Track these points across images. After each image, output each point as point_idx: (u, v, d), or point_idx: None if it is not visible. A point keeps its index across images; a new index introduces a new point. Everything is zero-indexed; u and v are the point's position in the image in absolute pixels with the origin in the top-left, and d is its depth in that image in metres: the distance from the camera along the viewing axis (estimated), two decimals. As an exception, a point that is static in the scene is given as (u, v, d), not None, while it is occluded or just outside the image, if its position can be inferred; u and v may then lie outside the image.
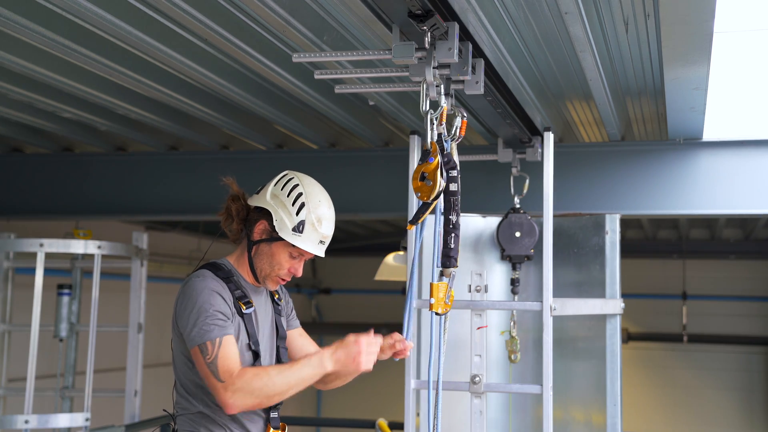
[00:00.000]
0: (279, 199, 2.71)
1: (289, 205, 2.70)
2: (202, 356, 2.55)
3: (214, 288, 2.63)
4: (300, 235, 2.69)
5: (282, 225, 2.69)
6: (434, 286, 2.68)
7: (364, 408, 10.18)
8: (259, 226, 2.73)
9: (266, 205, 2.72)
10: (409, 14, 2.48)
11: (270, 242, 2.72)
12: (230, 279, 2.71)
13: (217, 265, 2.75)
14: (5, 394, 5.39)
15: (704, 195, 4.86)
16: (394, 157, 5.28)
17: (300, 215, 2.69)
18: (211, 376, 2.54)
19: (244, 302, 2.69)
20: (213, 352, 2.54)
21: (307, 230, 2.70)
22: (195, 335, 2.56)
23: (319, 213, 2.72)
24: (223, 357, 2.53)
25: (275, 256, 2.73)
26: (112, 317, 6.12)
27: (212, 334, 2.55)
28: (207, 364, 2.54)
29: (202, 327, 2.56)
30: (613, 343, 4.21)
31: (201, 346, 2.55)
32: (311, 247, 2.72)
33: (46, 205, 5.79)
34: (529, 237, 4.27)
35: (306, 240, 2.70)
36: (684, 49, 3.27)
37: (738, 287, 10.86)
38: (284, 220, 2.69)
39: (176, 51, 3.55)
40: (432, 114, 2.61)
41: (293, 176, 2.77)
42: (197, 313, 2.57)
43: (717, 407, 10.94)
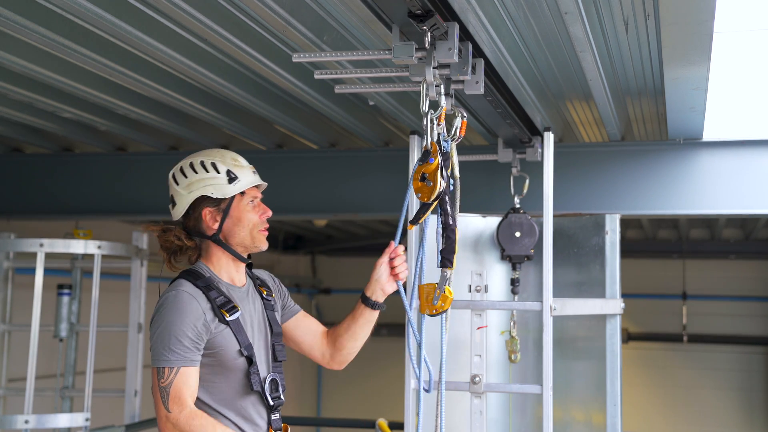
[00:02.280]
0: (196, 183, 2.71)
1: (207, 174, 2.70)
2: (157, 378, 2.53)
3: (187, 307, 2.56)
4: (238, 180, 2.69)
5: (220, 189, 2.68)
6: (421, 288, 2.67)
7: (364, 408, 10.19)
8: (205, 217, 2.70)
9: (193, 197, 2.70)
10: (409, 14, 2.48)
11: (227, 213, 2.70)
12: (211, 286, 2.65)
13: (195, 273, 2.70)
14: (5, 394, 5.39)
15: (704, 195, 4.86)
16: (394, 157, 5.28)
17: (221, 170, 2.70)
18: (160, 401, 2.52)
19: (228, 309, 2.63)
20: (168, 378, 2.51)
21: (237, 172, 2.70)
22: (156, 356, 2.54)
23: (228, 157, 2.75)
24: (176, 387, 2.51)
25: (241, 218, 2.71)
26: (112, 317, 6.12)
27: (171, 362, 2.52)
28: (159, 388, 2.52)
29: (163, 350, 2.52)
30: (613, 343, 4.21)
31: (159, 370, 2.53)
32: (253, 179, 2.73)
33: (46, 205, 5.79)
34: (529, 237, 4.27)
35: (244, 179, 2.71)
36: (684, 49, 3.27)
37: (738, 287, 10.86)
38: (217, 185, 2.68)
39: (176, 51, 3.55)
40: (432, 114, 2.61)
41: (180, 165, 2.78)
42: (162, 335, 2.54)
43: (717, 407, 10.94)
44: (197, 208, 2.71)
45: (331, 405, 12.19)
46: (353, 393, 11.91)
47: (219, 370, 2.62)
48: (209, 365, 2.62)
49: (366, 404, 10.80)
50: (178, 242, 2.73)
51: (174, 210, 2.77)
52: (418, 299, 2.71)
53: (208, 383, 2.62)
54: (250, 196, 2.74)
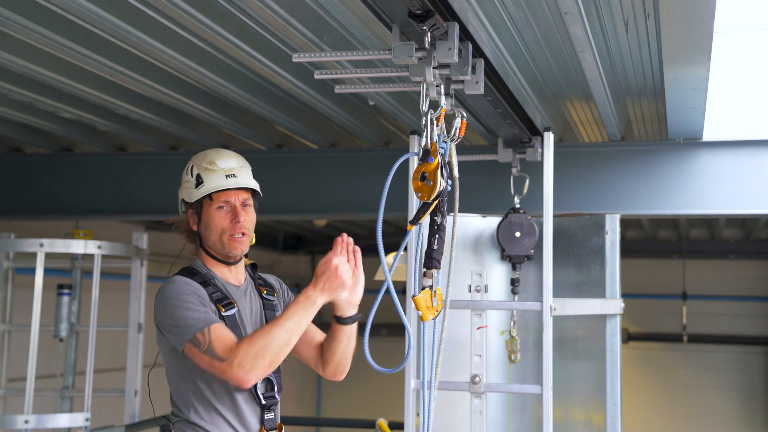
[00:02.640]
0: (182, 184, 2.79)
1: (185, 177, 2.78)
2: (197, 349, 2.52)
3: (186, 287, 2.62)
4: (203, 184, 2.72)
5: (187, 193, 2.74)
6: (417, 300, 2.66)
7: (364, 408, 10.19)
8: (190, 218, 2.77)
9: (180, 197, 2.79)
10: (409, 14, 2.48)
11: (198, 216, 2.74)
12: (208, 282, 2.68)
13: (191, 269, 2.73)
14: (5, 394, 5.39)
15: (704, 195, 4.86)
16: (394, 157, 5.24)
17: (192, 174, 2.76)
18: (214, 360, 2.50)
19: (224, 304, 2.65)
20: (205, 340, 2.51)
21: (205, 177, 2.72)
22: (182, 333, 2.54)
23: (208, 159, 2.78)
24: (216, 339, 2.51)
25: (209, 223, 2.72)
26: (112, 317, 6.12)
27: (199, 325, 2.52)
28: (204, 352, 2.51)
29: (186, 323, 2.53)
30: (613, 343, 4.21)
31: (193, 341, 2.52)
32: (218, 182, 2.71)
33: (46, 205, 5.79)
34: (529, 237, 4.27)
35: (209, 183, 2.71)
36: (684, 49, 3.27)
37: (738, 287, 10.86)
38: (188, 189, 2.74)
39: (176, 51, 3.55)
40: (432, 114, 2.61)
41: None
42: (177, 313, 2.56)
43: (717, 407, 10.94)
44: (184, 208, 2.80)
45: (331, 405, 12.19)
46: (353, 393, 11.91)
47: None
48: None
49: (366, 404, 10.81)
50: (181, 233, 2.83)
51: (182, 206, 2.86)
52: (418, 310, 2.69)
53: (207, 383, 2.62)
54: (221, 201, 2.72)
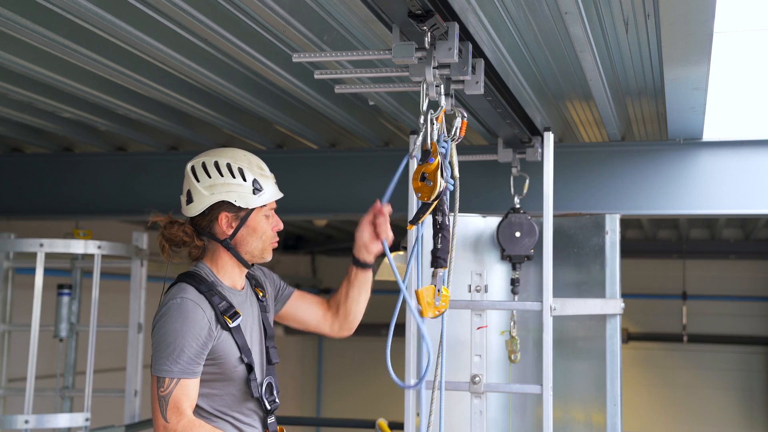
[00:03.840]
0: (219, 185, 2.62)
1: (233, 180, 2.63)
2: (156, 387, 2.51)
3: (192, 316, 2.53)
4: (262, 191, 2.65)
5: (244, 198, 2.63)
6: (419, 293, 2.66)
7: (364, 408, 10.19)
8: (221, 220, 2.64)
9: (213, 199, 2.62)
10: (409, 14, 2.48)
11: (245, 222, 2.65)
12: (213, 291, 2.61)
13: (197, 276, 2.65)
14: (5, 394, 5.39)
15: (704, 195, 4.86)
16: (394, 157, 5.24)
17: (248, 179, 2.64)
18: (158, 409, 2.49)
19: (230, 315, 2.60)
20: (168, 388, 2.49)
21: (262, 183, 2.66)
22: (157, 365, 2.51)
23: (255, 164, 2.69)
24: (175, 397, 2.49)
25: (256, 229, 2.67)
26: (112, 317, 6.12)
27: (173, 373, 2.49)
28: (158, 397, 2.50)
29: (166, 360, 2.49)
30: (613, 343, 4.21)
31: (159, 379, 2.50)
32: (275, 193, 2.71)
33: (46, 205, 5.79)
34: (529, 237, 4.27)
35: (268, 191, 2.68)
36: (684, 49, 3.27)
37: (738, 287, 10.86)
38: (242, 194, 2.62)
39: (176, 51, 3.55)
40: (432, 114, 2.61)
41: (202, 160, 2.69)
42: (166, 344, 2.50)
43: (717, 407, 10.94)
44: (215, 211, 2.65)
45: (331, 405, 12.19)
46: (353, 393, 11.91)
47: (220, 377, 2.61)
48: (211, 373, 2.60)
49: (366, 404, 10.81)
50: (186, 238, 2.68)
51: (189, 206, 2.68)
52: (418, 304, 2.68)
53: (209, 391, 2.61)
54: (268, 208, 2.71)
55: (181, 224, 2.69)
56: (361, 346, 11.74)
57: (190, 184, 2.68)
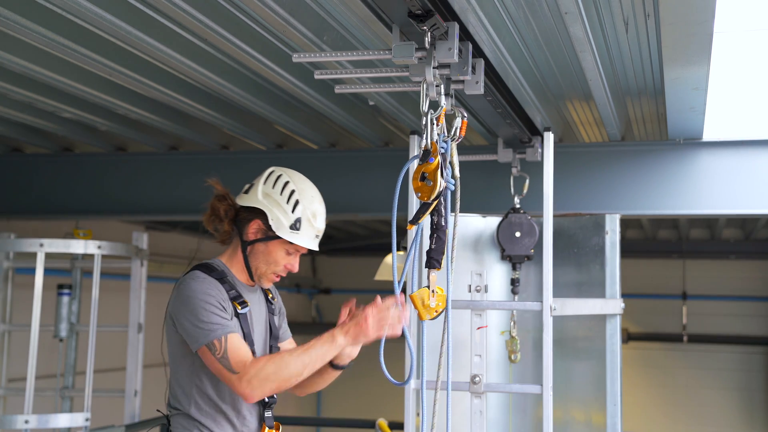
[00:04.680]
0: (272, 197, 2.71)
1: (284, 203, 2.70)
2: (211, 354, 2.56)
3: (209, 287, 2.63)
4: (297, 232, 2.71)
5: (279, 224, 2.69)
6: (413, 297, 2.65)
7: (364, 408, 10.18)
8: (252, 225, 2.73)
9: (259, 204, 2.72)
10: (409, 14, 2.48)
11: (266, 241, 2.72)
12: (224, 279, 2.70)
13: (209, 265, 2.74)
14: (5, 394, 5.39)
15: (704, 195, 4.86)
16: (394, 157, 5.28)
17: (296, 213, 2.71)
18: (225, 370, 2.55)
19: (239, 302, 2.69)
20: (221, 348, 2.55)
21: (303, 227, 2.72)
22: (200, 335, 2.57)
23: (313, 209, 2.74)
24: (232, 350, 2.55)
25: (271, 254, 2.74)
26: (112, 317, 6.12)
27: (217, 332, 2.56)
28: (218, 360, 2.55)
29: (205, 327, 2.56)
30: (613, 343, 4.20)
31: (209, 345, 2.56)
32: (308, 242, 2.74)
33: (46, 205, 5.78)
34: (529, 237, 4.27)
35: (303, 236, 2.72)
36: (684, 49, 3.27)
37: (738, 287, 10.86)
38: (280, 219, 2.69)
39: (176, 51, 3.55)
40: (432, 114, 2.61)
41: (282, 173, 2.77)
42: (198, 314, 2.58)
43: (717, 407, 10.94)
44: (254, 214, 2.74)
45: (331, 405, 12.18)
46: (353, 393, 11.91)
47: None
48: None
49: (366, 404, 10.79)
50: (222, 215, 2.76)
51: (243, 195, 2.78)
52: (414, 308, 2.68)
53: (211, 378, 2.65)
54: (293, 248, 2.76)
55: (230, 204, 2.77)
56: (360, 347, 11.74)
57: (257, 180, 2.79)
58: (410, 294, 2.66)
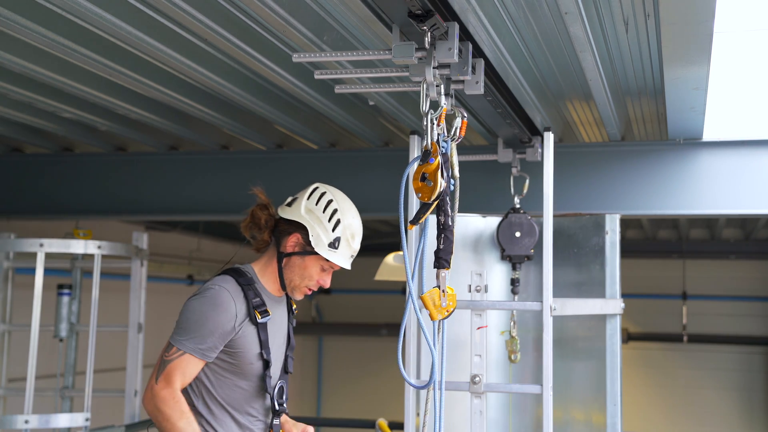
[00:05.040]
0: (314, 214, 2.77)
1: (326, 221, 2.77)
2: (165, 350, 2.66)
3: (225, 305, 2.66)
4: (335, 251, 2.78)
5: (318, 241, 2.75)
6: (424, 298, 2.66)
7: (364, 408, 10.18)
8: (291, 238, 2.78)
9: (301, 219, 2.77)
10: (409, 14, 2.48)
11: (303, 255, 2.78)
12: (251, 286, 2.75)
13: (240, 271, 2.79)
14: (5, 394, 5.39)
15: (704, 195, 4.86)
16: (394, 157, 5.28)
17: (336, 231, 2.77)
18: (157, 369, 2.65)
19: (261, 311, 2.73)
20: (172, 356, 2.63)
21: (342, 246, 2.79)
22: (176, 332, 2.67)
23: (353, 230, 2.82)
24: (176, 366, 2.63)
25: (307, 269, 2.80)
26: (112, 317, 6.12)
27: (184, 346, 2.63)
28: (162, 359, 2.65)
29: (185, 333, 2.64)
30: (613, 343, 4.20)
31: (169, 344, 2.66)
32: (344, 262, 2.82)
33: (46, 205, 5.79)
34: (529, 237, 4.27)
35: (340, 255, 2.80)
36: (684, 49, 3.27)
37: (738, 287, 10.86)
38: (320, 236, 2.76)
39: (176, 51, 3.55)
40: (432, 114, 2.61)
41: (326, 191, 2.83)
42: (191, 321, 2.65)
43: (717, 407, 10.94)
44: (294, 227, 2.79)
45: (331, 405, 12.19)
46: (353, 393, 11.91)
47: (234, 370, 2.71)
48: (227, 363, 2.70)
49: (366, 404, 10.80)
50: (263, 225, 2.81)
51: (286, 208, 2.83)
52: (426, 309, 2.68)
53: (222, 381, 2.68)
54: (329, 265, 2.83)
55: (271, 214, 2.83)
56: (361, 346, 11.75)
57: (301, 195, 2.84)
58: (421, 295, 2.67)
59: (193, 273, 9.24)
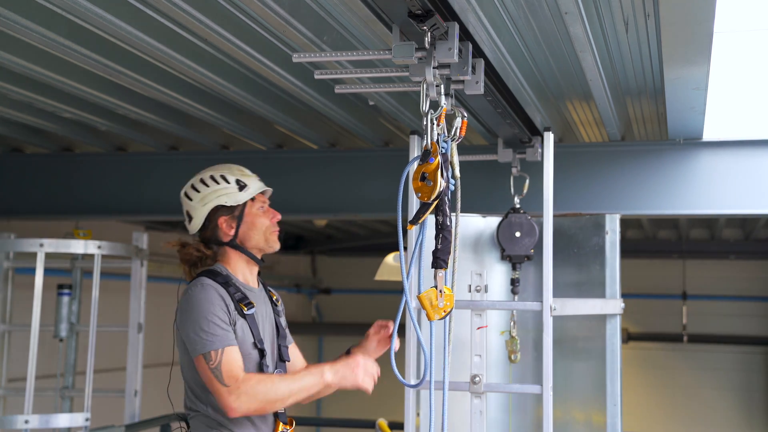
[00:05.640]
0: (209, 195, 2.84)
1: (218, 186, 2.85)
2: (206, 363, 2.62)
3: (213, 296, 2.69)
4: (247, 186, 2.87)
5: (233, 197, 2.84)
6: (421, 298, 2.66)
7: (364, 408, 10.18)
8: (221, 224, 2.85)
9: (208, 209, 2.84)
10: (409, 14, 2.48)
11: (240, 218, 2.84)
12: (229, 283, 2.77)
13: (214, 271, 2.82)
14: (5, 394, 5.39)
15: (704, 195, 4.85)
16: (394, 157, 5.28)
17: (230, 181, 2.86)
18: (215, 381, 2.60)
19: (245, 303, 2.76)
20: (216, 359, 2.61)
21: (245, 180, 2.88)
22: (198, 344, 2.63)
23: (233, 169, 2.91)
24: (226, 363, 2.61)
25: (255, 222, 2.87)
26: (112, 317, 6.12)
27: (215, 344, 2.62)
28: (211, 370, 2.60)
29: (204, 336, 2.62)
30: (613, 343, 4.21)
31: (205, 355, 2.61)
32: (260, 185, 2.91)
33: (46, 205, 5.79)
34: (529, 237, 4.27)
35: (252, 185, 2.88)
36: (684, 49, 3.27)
37: (738, 287, 10.86)
38: (229, 194, 2.84)
39: (176, 51, 3.55)
40: (432, 114, 2.61)
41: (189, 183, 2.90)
42: (199, 323, 2.64)
43: (717, 407, 10.94)
44: (213, 219, 2.86)
45: (331, 405, 12.18)
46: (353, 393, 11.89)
47: None
48: None
49: (366, 404, 10.79)
50: (197, 253, 2.89)
51: (191, 224, 2.91)
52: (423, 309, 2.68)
53: None
54: (260, 202, 2.91)
55: (191, 243, 2.90)
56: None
57: (186, 206, 2.90)
58: (418, 295, 2.66)
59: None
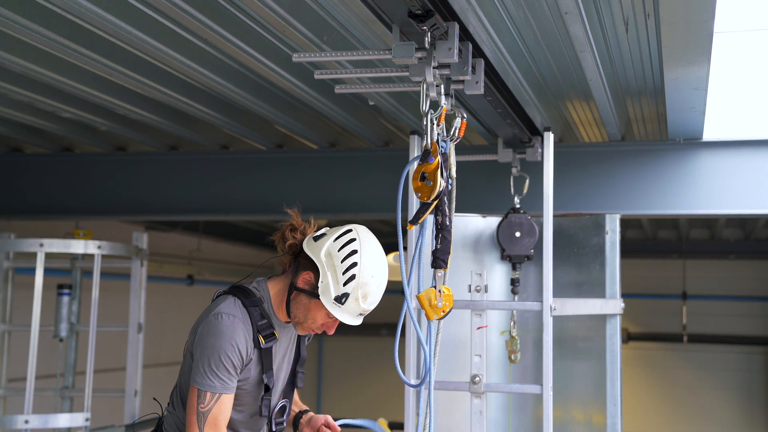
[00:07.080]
0: (332, 260, 2.56)
1: (340, 273, 2.54)
2: (197, 400, 2.53)
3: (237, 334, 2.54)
4: (340, 306, 2.55)
5: (326, 290, 2.55)
6: (420, 298, 2.64)
7: (364, 408, 10.19)
8: (304, 275, 2.60)
9: (317, 260, 2.57)
10: (409, 14, 2.48)
11: (310, 296, 2.59)
12: (259, 307, 2.61)
13: (246, 291, 2.65)
14: (5, 394, 5.39)
15: (704, 195, 4.86)
16: (394, 157, 5.28)
17: (347, 287, 2.54)
18: (195, 418, 2.52)
19: (267, 335, 2.60)
20: (208, 404, 2.52)
21: (348, 303, 2.56)
22: (199, 378, 2.54)
23: (367, 290, 2.56)
24: (216, 411, 2.53)
25: (311, 311, 2.61)
26: (112, 317, 6.12)
27: (215, 388, 2.52)
28: (197, 410, 2.53)
29: (209, 376, 2.52)
30: (613, 343, 4.20)
31: (200, 392, 2.53)
32: (349, 319, 2.59)
33: (46, 205, 5.79)
34: (529, 237, 4.27)
35: (345, 312, 2.57)
36: (684, 49, 3.27)
37: (738, 287, 10.86)
38: (329, 287, 2.55)
39: (176, 51, 3.55)
40: (432, 114, 2.61)
41: (356, 237, 2.60)
42: (211, 358, 2.52)
43: (717, 407, 10.94)
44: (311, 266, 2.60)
45: (331, 405, 12.19)
46: (353, 393, 11.91)
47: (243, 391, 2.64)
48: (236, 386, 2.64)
49: (366, 404, 10.81)
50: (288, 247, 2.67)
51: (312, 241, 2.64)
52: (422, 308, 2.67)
53: None
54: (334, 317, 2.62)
55: (297, 241, 2.68)
56: (361, 347, 11.75)
57: (330, 233, 2.64)
58: (417, 294, 2.66)
59: (193, 273, 9.24)
